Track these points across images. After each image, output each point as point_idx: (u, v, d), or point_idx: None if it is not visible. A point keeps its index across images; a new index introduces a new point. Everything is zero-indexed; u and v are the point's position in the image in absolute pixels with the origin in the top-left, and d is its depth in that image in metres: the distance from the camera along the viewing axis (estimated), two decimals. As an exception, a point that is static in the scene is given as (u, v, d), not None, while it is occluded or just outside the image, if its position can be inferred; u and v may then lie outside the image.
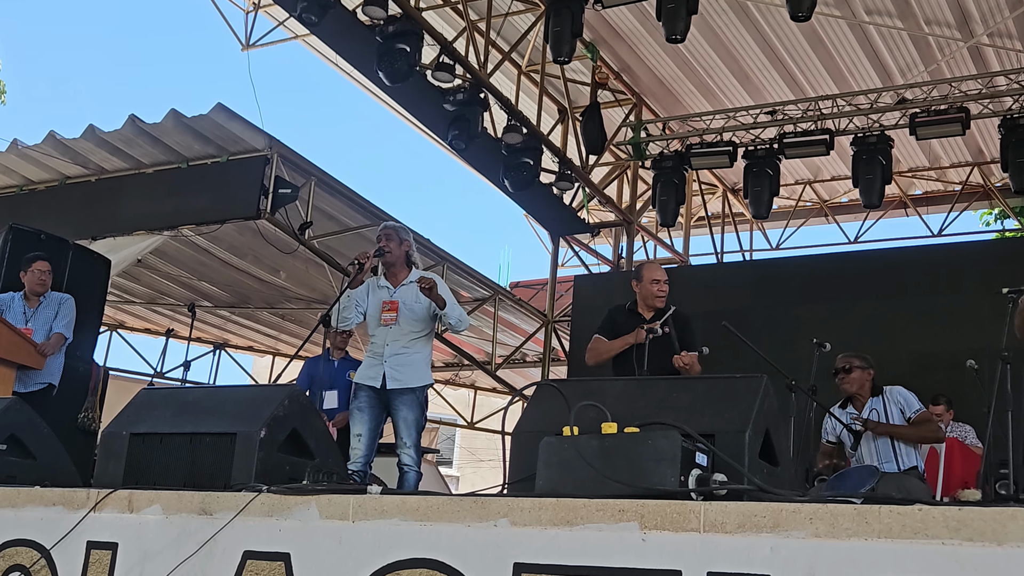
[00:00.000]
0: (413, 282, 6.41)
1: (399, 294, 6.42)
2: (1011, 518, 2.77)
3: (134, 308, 13.43)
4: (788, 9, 8.80)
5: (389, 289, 6.43)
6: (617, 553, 3.27)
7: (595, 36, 11.65)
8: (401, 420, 6.23)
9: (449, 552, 3.52)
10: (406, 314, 6.32)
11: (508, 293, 13.44)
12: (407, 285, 6.45)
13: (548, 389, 4.18)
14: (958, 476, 7.40)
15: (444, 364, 15.50)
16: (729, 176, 13.99)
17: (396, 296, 6.38)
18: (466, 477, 23.63)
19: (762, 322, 9.87)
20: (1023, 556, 2.76)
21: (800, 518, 3.02)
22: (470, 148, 10.65)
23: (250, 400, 4.68)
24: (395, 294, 6.40)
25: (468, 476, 23.34)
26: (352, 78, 12.36)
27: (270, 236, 9.95)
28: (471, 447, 23.45)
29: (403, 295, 6.42)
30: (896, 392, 6.70)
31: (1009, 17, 10.33)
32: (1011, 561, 2.75)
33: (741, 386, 3.79)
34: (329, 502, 3.84)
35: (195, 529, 4.03)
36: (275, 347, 15.27)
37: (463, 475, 24.26)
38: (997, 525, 2.79)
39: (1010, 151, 10.39)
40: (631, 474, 3.35)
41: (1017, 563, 2.74)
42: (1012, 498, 3.40)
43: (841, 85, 11.79)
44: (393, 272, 6.52)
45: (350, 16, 9.71)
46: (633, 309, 6.56)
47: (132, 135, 9.74)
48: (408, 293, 6.42)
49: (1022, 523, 2.76)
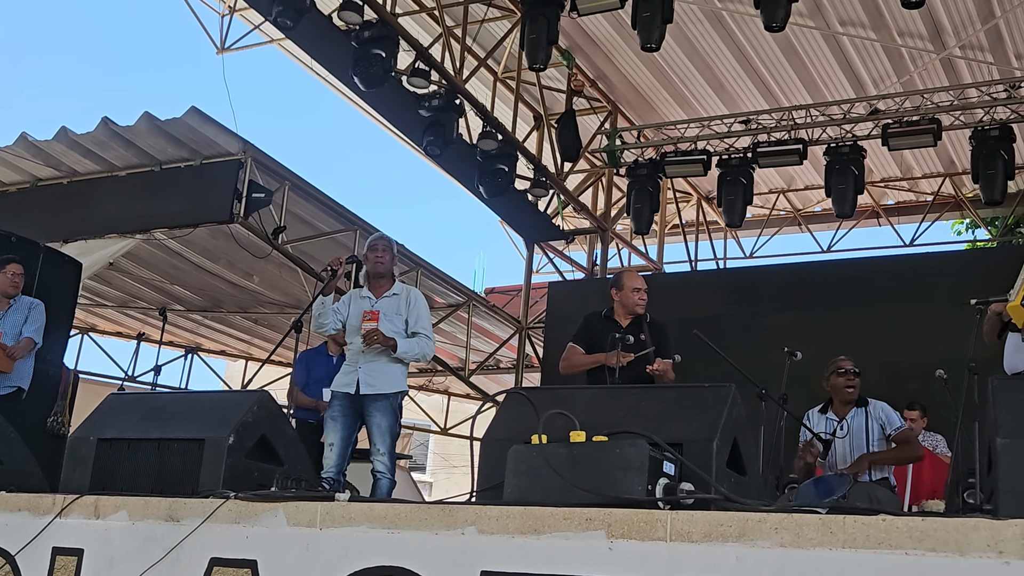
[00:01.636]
0: (396, 294, 6.44)
1: (380, 305, 6.43)
2: (973, 529, 2.80)
3: (106, 311, 13.34)
4: (762, 19, 8.85)
5: (371, 299, 6.45)
6: (584, 561, 3.27)
7: (571, 44, 11.68)
8: (375, 427, 6.22)
9: (417, 559, 3.53)
10: (386, 325, 6.32)
11: (482, 299, 13.43)
12: (388, 297, 6.47)
13: (518, 397, 4.18)
14: (928, 485, 7.44)
15: (418, 370, 15.45)
16: (703, 184, 14.03)
17: (377, 307, 6.39)
18: (439, 483, 23.56)
19: (735, 330, 9.90)
20: (985, 566, 2.79)
21: (766, 527, 3.04)
22: (445, 154, 10.64)
23: (219, 406, 4.67)
24: (376, 305, 6.40)
25: (441, 482, 23.27)
26: (328, 83, 12.33)
27: (243, 240, 9.91)
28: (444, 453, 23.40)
29: (383, 306, 6.43)
30: (880, 408, 6.73)
31: (980, 30, 10.43)
32: (973, 571, 2.77)
33: (709, 395, 3.82)
34: (297, 509, 3.84)
35: (162, 535, 4.02)
36: (248, 352, 15.20)
37: (436, 481, 24.20)
38: (960, 535, 2.81)
39: (980, 163, 10.46)
40: (599, 483, 3.36)
41: (979, 573, 2.77)
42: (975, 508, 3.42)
43: (815, 95, 11.86)
44: (379, 284, 6.53)
45: (325, 21, 9.68)
46: (609, 316, 6.58)
47: (105, 137, 9.69)
48: (389, 305, 6.44)
49: (984, 533, 2.79)
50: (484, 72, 11.63)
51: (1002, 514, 2.92)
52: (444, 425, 16.24)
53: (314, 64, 11.55)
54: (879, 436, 6.65)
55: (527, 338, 12.87)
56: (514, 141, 11.43)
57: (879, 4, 10.23)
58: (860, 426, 6.68)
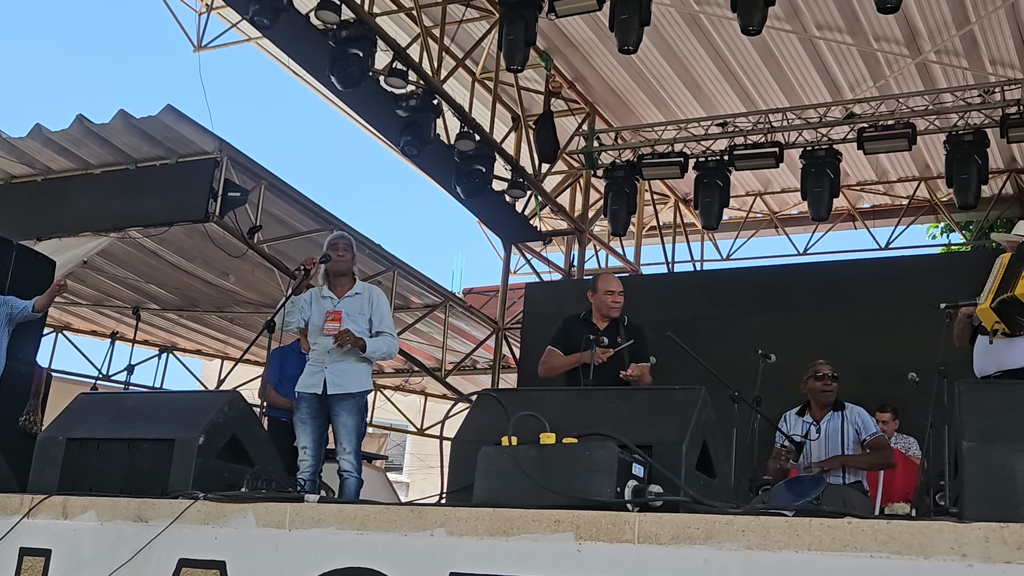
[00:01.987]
0: (359, 293, 6.44)
1: (343, 305, 6.42)
2: (937, 531, 2.82)
3: (80, 310, 13.26)
4: (739, 22, 8.87)
5: (333, 299, 6.44)
6: (552, 563, 3.28)
7: (549, 45, 11.68)
8: (341, 425, 6.22)
9: (385, 560, 3.52)
10: (350, 326, 6.31)
11: (459, 299, 13.43)
12: (351, 297, 6.46)
13: (489, 398, 4.18)
14: (900, 488, 7.49)
15: (394, 370, 15.46)
16: (680, 186, 14.07)
17: (340, 306, 6.38)
18: (416, 483, 23.54)
19: (711, 332, 9.93)
20: (949, 569, 2.81)
21: (733, 530, 3.06)
22: (422, 154, 10.63)
23: (190, 406, 4.65)
24: (339, 304, 6.39)
25: (418, 483, 23.25)
26: (305, 82, 12.29)
27: (219, 239, 9.87)
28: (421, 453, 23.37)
29: (346, 306, 6.42)
30: (857, 412, 6.78)
31: (955, 35, 10.49)
32: (936, 573, 2.79)
33: (679, 398, 3.82)
34: (266, 510, 3.83)
35: (130, 536, 4.00)
36: (224, 351, 15.13)
37: (413, 481, 24.17)
38: (924, 538, 2.83)
39: (954, 167, 10.53)
40: (568, 485, 3.37)
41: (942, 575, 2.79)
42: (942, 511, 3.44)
43: (791, 98, 11.91)
44: (340, 283, 6.52)
45: (303, 20, 9.65)
46: (587, 319, 6.59)
47: (80, 135, 9.63)
48: (352, 305, 6.43)
49: (948, 536, 2.81)
50: (462, 73, 11.62)
51: (966, 517, 2.94)
52: (421, 426, 16.22)
53: (291, 63, 11.51)
54: (854, 440, 6.69)
55: (504, 339, 12.87)
56: (492, 142, 11.43)
57: (855, 8, 10.29)
58: (836, 429, 6.72)
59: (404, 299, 12.47)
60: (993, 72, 11.01)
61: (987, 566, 2.75)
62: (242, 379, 12.35)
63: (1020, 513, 2.99)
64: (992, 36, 10.59)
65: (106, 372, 12.02)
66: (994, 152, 11.25)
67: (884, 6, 8.37)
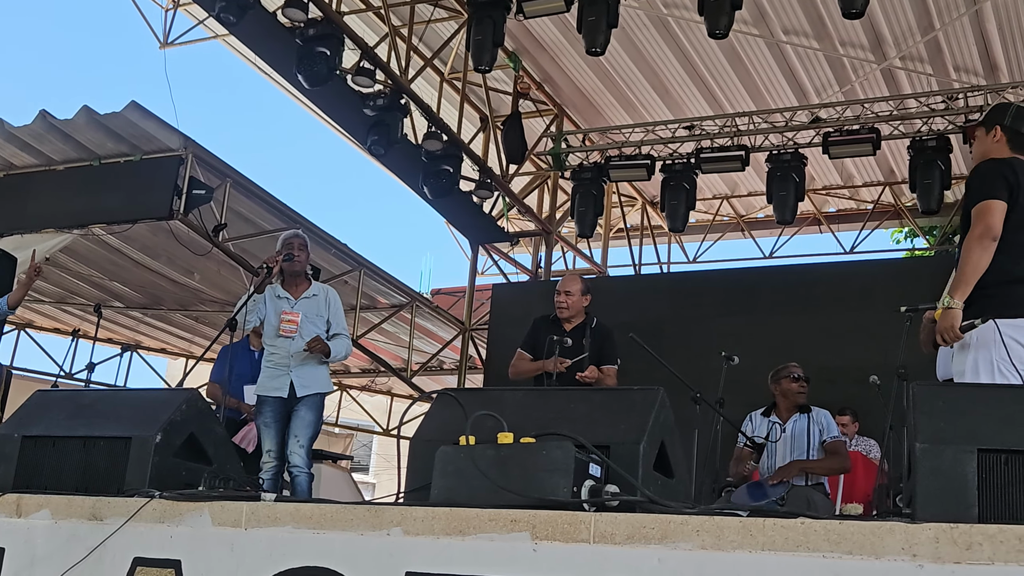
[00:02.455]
0: (315, 295, 6.42)
1: (300, 306, 6.41)
2: (889, 532, 2.84)
3: (43, 307, 13.14)
4: (706, 26, 8.92)
5: (289, 300, 6.42)
6: (508, 563, 3.27)
7: (517, 46, 11.69)
8: (299, 419, 6.21)
9: (342, 560, 3.51)
10: (309, 328, 6.31)
11: (425, 300, 13.40)
12: (308, 298, 6.45)
13: (449, 398, 4.18)
14: (860, 490, 7.55)
15: (360, 370, 15.41)
16: (648, 189, 14.11)
17: (297, 308, 6.36)
18: (382, 484, 23.49)
19: (677, 334, 9.98)
20: (900, 569, 2.83)
21: (687, 530, 3.06)
22: (389, 154, 10.61)
23: (147, 403, 4.61)
24: (296, 306, 6.37)
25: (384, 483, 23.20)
26: (272, 79, 12.24)
27: (183, 237, 9.81)
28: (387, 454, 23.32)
29: (304, 307, 6.41)
30: (821, 415, 6.86)
31: (920, 41, 10.59)
32: (887, 573, 2.81)
33: (638, 398, 3.83)
34: (222, 509, 3.80)
35: (85, 535, 3.96)
36: (188, 350, 15.04)
37: (379, 482, 24.12)
38: (875, 539, 2.85)
39: (918, 172, 10.64)
40: (525, 484, 3.36)
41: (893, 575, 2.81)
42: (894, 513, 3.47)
43: (758, 102, 11.98)
44: (295, 283, 6.50)
45: (270, 17, 9.61)
46: (557, 320, 6.62)
47: (43, 131, 9.54)
48: (310, 307, 6.42)
49: (899, 537, 2.83)
50: (430, 72, 11.61)
51: (918, 518, 2.96)
52: (387, 426, 16.19)
53: (258, 61, 11.47)
54: (818, 442, 6.75)
55: (471, 339, 12.87)
56: (459, 142, 11.42)
57: (822, 14, 10.36)
58: (802, 430, 6.78)
59: (371, 299, 12.44)
60: (957, 78, 11.13)
61: (937, 566, 2.77)
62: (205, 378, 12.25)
63: (971, 514, 3.02)
64: (956, 43, 10.70)
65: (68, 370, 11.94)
66: (957, 158, 11.35)
67: (849, 12, 8.43)
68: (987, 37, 10.53)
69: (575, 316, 6.57)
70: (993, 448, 3.11)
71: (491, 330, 12.16)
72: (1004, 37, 10.47)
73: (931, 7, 10.09)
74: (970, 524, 2.82)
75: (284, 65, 10.08)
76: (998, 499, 3.07)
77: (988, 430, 3.17)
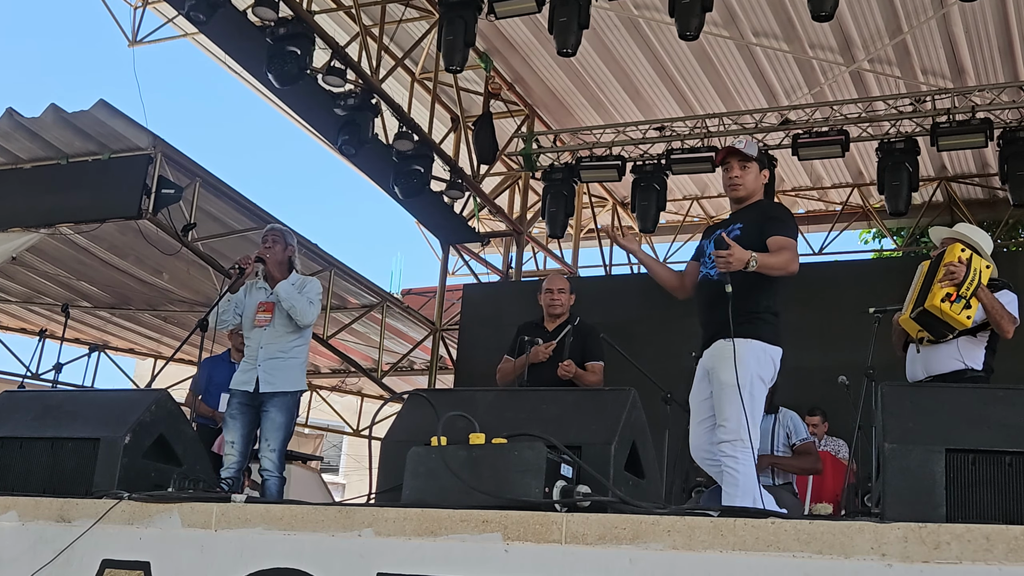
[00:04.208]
0: (293, 284, 6.36)
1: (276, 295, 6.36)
2: (858, 531, 2.86)
3: (9, 307, 13.00)
4: (676, 28, 8.94)
5: (266, 290, 6.37)
6: (480, 563, 3.28)
7: (489, 46, 11.68)
8: (269, 422, 6.15)
9: (312, 561, 3.50)
10: (280, 315, 6.26)
11: (396, 300, 13.38)
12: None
13: (421, 398, 4.17)
14: (830, 490, 7.60)
15: (330, 371, 15.36)
16: (619, 190, 14.14)
17: (272, 297, 6.31)
18: (352, 484, 23.42)
19: (648, 334, 9.99)
20: (869, 568, 2.85)
21: (658, 530, 3.08)
22: (360, 154, 10.58)
23: (116, 404, 4.58)
24: (271, 295, 6.32)
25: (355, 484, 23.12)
26: (242, 79, 12.18)
27: (152, 237, 9.73)
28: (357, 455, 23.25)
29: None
30: (789, 416, 6.89)
31: (888, 44, 10.67)
32: (857, 573, 2.84)
33: (609, 399, 3.84)
34: (192, 510, 3.78)
35: (52, 537, 3.93)
36: (157, 350, 14.94)
37: (349, 482, 24.05)
38: (845, 538, 2.87)
39: (886, 174, 10.70)
40: (496, 485, 3.37)
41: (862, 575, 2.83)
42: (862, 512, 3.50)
43: (728, 104, 12.03)
44: (276, 275, 6.46)
45: (240, 16, 9.56)
46: (539, 323, 6.62)
47: (9, 129, 9.44)
48: None
49: (868, 536, 2.85)
50: (401, 72, 11.59)
51: (887, 517, 2.99)
52: (357, 427, 16.14)
53: (228, 59, 11.40)
54: (784, 443, 6.80)
55: (441, 340, 12.86)
56: (430, 142, 11.41)
57: (791, 16, 10.42)
58: (767, 431, 6.81)
59: (341, 299, 12.40)
60: (925, 81, 11.22)
61: (906, 566, 2.80)
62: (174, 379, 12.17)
63: (939, 513, 3.05)
64: (924, 46, 10.79)
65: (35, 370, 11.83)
66: (925, 160, 11.46)
67: (819, 14, 8.47)
68: (954, 41, 10.63)
69: (561, 316, 6.58)
70: (961, 448, 3.15)
71: (462, 330, 12.15)
72: (971, 41, 10.57)
73: (899, 10, 10.16)
74: (938, 523, 2.85)
75: (254, 64, 10.03)
76: (966, 498, 3.11)
77: (956, 430, 3.20)
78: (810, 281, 10.52)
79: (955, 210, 13.41)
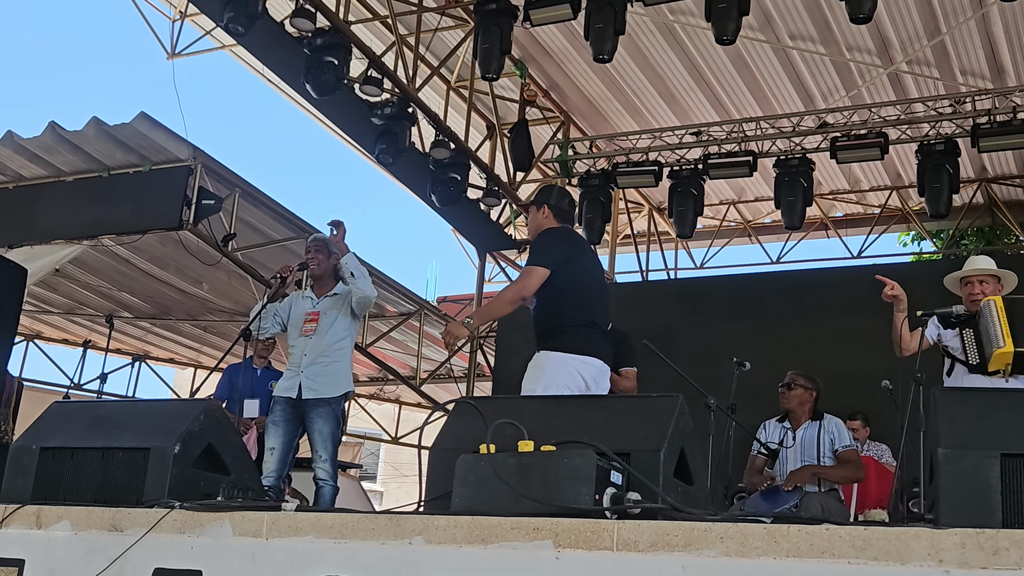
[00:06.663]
0: (337, 293, 6.40)
1: (322, 304, 6.40)
2: (914, 538, 2.84)
3: (52, 318, 13.15)
4: (713, 32, 8.92)
5: (313, 299, 6.42)
6: (531, 571, 3.28)
7: (524, 54, 11.70)
8: (316, 433, 6.19)
9: (363, 570, 3.51)
10: (325, 324, 6.29)
11: (434, 308, 13.41)
12: (331, 296, 6.44)
13: (467, 406, 4.18)
14: (874, 495, 7.53)
15: (369, 378, 15.41)
16: (655, 195, 14.11)
17: (319, 307, 6.35)
18: (390, 492, 23.47)
19: (685, 340, 9.96)
20: (926, 575, 2.82)
21: (711, 537, 3.06)
22: (397, 162, 10.62)
23: (165, 414, 4.62)
24: (318, 304, 6.37)
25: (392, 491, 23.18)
26: (280, 89, 12.27)
27: (192, 247, 9.82)
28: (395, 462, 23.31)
29: (325, 306, 6.40)
30: (834, 423, 6.85)
31: (927, 46, 10.59)
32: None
33: (657, 405, 3.83)
34: (243, 519, 3.80)
35: (105, 546, 3.97)
36: (197, 360, 15.06)
37: (387, 490, 24.11)
38: (901, 544, 2.85)
39: (926, 176, 10.62)
40: (546, 492, 3.36)
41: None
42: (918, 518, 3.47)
43: (765, 108, 11.98)
44: (320, 284, 6.51)
45: (278, 28, 9.64)
46: None
47: (52, 142, 9.55)
48: (332, 304, 6.42)
49: (925, 543, 2.83)
50: (437, 81, 11.62)
51: (942, 523, 2.96)
52: (395, 434, 16.18)
53: (266, 71, 11.49)
54: (829, 450, 6.75)
55: (479, 347, 12.87)
56: (466, 150, 11.44)
57: (828, 19, 10.36)
58: (812, 438, 6.78)
59: (379, 307, 12.44)
60: (964, 82, 11.12)
61: (964, 572, 2.77)
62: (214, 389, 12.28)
63: (995, 519, 3.02)
64: (963, 47, 10.70)
65: (78, 381, 11.95)
66: (965, 162, 11.34)
67: (856, 16, 8.43)
68: (994, 41, 10.53)
69: None
70: (1016, 453, 3.11)
71: (499, 337, 12.16)
72: (1011, 40, 10.47)
73: (937, 11, 10.09)
74: (996, 529, 2.82)
75: (292, 75, 10.09)
76: (1022, 504, 3.07)
77: (1011, 435, 3.17)
78: (849, 285, 10.47)
79: (995, 212, 13.29)
